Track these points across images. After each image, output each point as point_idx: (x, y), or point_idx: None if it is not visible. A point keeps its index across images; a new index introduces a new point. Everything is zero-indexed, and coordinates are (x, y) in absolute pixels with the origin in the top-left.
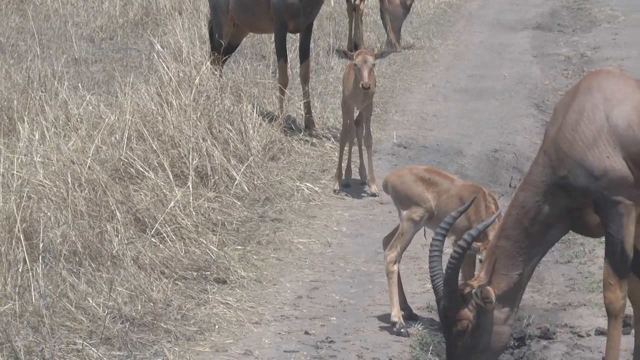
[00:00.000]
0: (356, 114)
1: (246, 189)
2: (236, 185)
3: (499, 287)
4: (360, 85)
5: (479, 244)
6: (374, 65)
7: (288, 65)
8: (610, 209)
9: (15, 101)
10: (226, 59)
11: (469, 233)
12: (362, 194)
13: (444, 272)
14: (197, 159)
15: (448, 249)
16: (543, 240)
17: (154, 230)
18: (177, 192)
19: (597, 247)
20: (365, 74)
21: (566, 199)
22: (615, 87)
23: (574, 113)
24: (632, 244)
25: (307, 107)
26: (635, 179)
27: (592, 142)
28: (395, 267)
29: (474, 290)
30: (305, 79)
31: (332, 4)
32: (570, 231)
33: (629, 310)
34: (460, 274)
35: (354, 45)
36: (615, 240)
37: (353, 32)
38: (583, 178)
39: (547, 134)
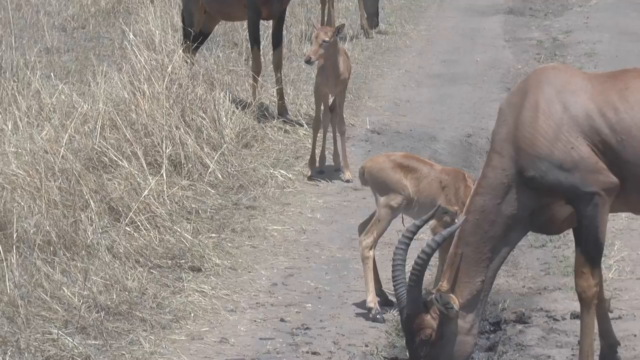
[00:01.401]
0: (331, 100)
1: (220, 176)
2: (210, 173)
3: (462, 295)
4: (304, 60)
5: (455, 207)
6: (325, 42)
7: (261, 53)
8: (585, 200)
9: None
10: (198, 47)
11: (433, 239)
12: (336, 181)
13: (408, 278)
14: (170, 148)
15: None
16: (504, 243)
17: (128, 219)
18: (150, 180)
19: (571, 231)
20: (313, 48)
21: (532, 198)
22: (565, 79)
23: (529, 111)
24: (605, 232)
25: (280, 94)
26: (605, 165)
27: (554, 136)
28: (371, 253)
29: (433, 295)
30: (277, 66)
31: None
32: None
33: (604, 293)
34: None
35: (365, 30)
36: (589, 229)
37: (326, 18)
38: (553, 174)
39: (495, 135)
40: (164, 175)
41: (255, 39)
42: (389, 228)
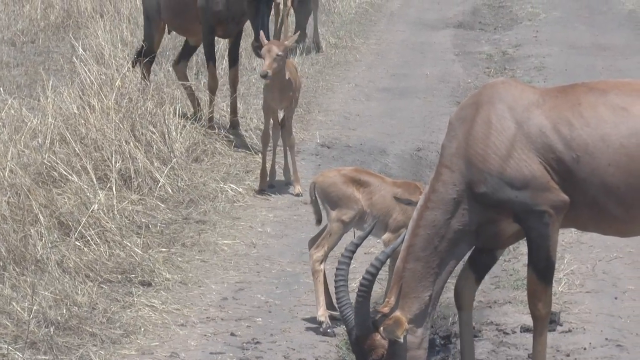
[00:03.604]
0: (281, 114)
1: (170, 191)
2: (160, 187)
3: (411, 311)
4: (259, 74)
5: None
6: (279, 56)
7: (216, 70)
8: (534, 218)
9: None
10: (152, 62)
11: (377, 258)
12: (287, 195)
13: (355, 299)
14: (120, 162)
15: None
16: (452, 258)
17: (77, 233)
18: (100, 195)
19: (521, 244)
20: (267, 62)
21: (481, 213)
22: (516, 95)
23: (481, 126)
24: (556, 250)
25: (234, 109)
26: (556, 184)
27: (507, 153)
28: (322, 267)
29: (381, 328)
30: (233, 83)
31: None
32: None
33: (554, 306)
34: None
35: (316, 44)
36: (540, 247)
37: (278, 30)
38: (503, 191)
39: (445, 149)
40: (114, 189)
41: (210, 56)
42: (340, 242)
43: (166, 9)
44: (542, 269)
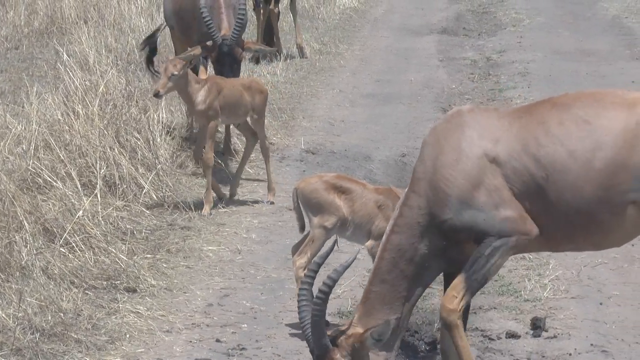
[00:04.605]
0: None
1: (155, 197)
2: (145, 193)
3: (375, 332)
4: (152, 94)
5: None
6: (174, 75)
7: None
8: (496, 239)
9: None
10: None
11: (329, 276)
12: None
13: (310, 320)
14: (104, 168)
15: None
16: (420, 281)
17: (62, 239)
18: (85, 201)
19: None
20: (161, 81)
21: (442, 239)
22: (484, 122)
23: (450, 153)
24: (496, 273)
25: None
26: (526, 210)
27: (477, 178)
28: (305, 272)
29: (338, 343)
30: None
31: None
32: None
33: (539, 312)
34: None
35: (300, 50)
36: (485, 263)
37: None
38: (469, 216)
39: (415, 174)
40: (99, 195)
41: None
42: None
43: (173, 16)
44: (474, 280)
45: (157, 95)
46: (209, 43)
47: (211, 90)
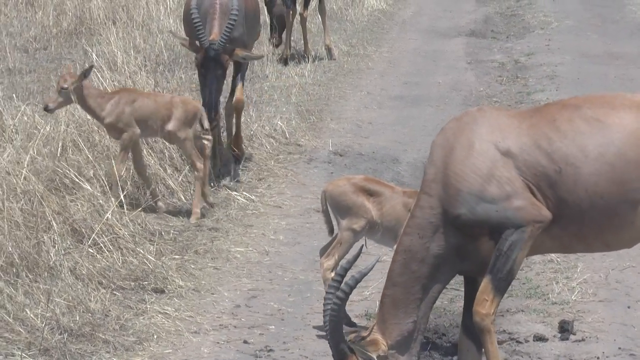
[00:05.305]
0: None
1: (183, 198)
2: (173, 194)
3: (391, 337)
4: (43, 107)
5: None
6: (64, 89)
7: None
8: (512, 231)
9: None
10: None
11: (346, 283)
12: (299, 203)
13: (328, 326)
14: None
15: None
16: (434, 282)
17: (90, 240)
18: (113, 202)
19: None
20: (52, 95)
21: (456, 236)
22: (494, 119)
23: (461, 150)
24: (520, 266)
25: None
26: (539, 202)
27: (488, 172)
28: (332, 275)
29: (356, 346)
30: (229, 114)
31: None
32: None
33: (567, 315)
34: None
35: (328, 51)
36: (507, 259)
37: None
38: (482, 209)
39: (426, 176)
40: (127, 196)
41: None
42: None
43: None
44: (500, 279)
45: (46, 109)
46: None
47: (119, 102)
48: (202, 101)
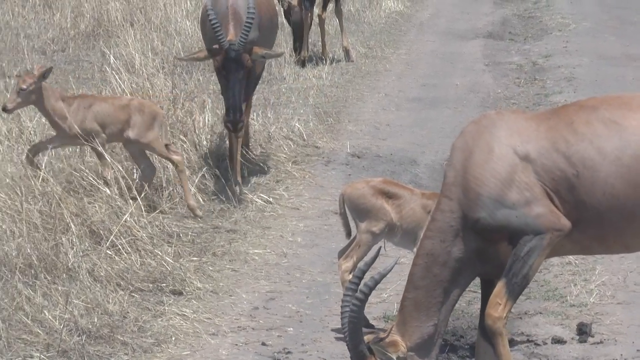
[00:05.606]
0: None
1: (201, 200)
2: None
3: (412, 339)
4: (1, 108)
5: None
6: (22, 90)
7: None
8: (531, 236)
9: None
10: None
11: (366, 284)
12: (317, 205)
13: (347, 328)
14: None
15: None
16: (454, 286)
17: (109, 242)
18: (131, 204)
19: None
20: (10, 96)
21: (476, 240)
22: (512, 123)
23: (480, 153)
24: (536, 272)
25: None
26: (557, 208)
27: (507, 176)
28: (350, 277)
29: (375, 347)
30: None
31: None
32: None
33: (585, 317)
34: None
35: (346, 53)
36: (524, 264)
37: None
38: (502, 215)
39: (446, 179)
40: (145, 198)
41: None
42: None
43: None
44: (514, 284)
45: (4, 109)
46: (216, 46)
47: (79, 108)
48: (225, 104)
